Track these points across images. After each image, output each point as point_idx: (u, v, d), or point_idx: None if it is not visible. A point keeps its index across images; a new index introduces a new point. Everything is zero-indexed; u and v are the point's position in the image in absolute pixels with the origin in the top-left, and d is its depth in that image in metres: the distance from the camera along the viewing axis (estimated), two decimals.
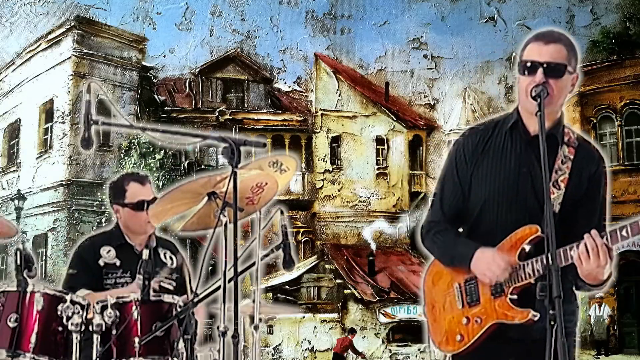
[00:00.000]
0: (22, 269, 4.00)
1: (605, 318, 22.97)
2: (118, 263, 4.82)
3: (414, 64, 25.36)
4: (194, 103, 26.32)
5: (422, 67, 25.33)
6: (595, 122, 23.65)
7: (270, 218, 4.20)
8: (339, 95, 26.29)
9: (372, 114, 26.21)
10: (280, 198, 4.30)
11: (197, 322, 4.09)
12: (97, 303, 4.08)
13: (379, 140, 26.22)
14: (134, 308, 4.04)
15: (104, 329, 4.04)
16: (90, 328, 4.02)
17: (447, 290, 3.90)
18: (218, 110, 26.01)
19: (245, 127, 25.74)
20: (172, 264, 4.94)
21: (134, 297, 4.07)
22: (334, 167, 26.14)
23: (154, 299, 4.11)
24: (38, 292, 4.05)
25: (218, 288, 3.82)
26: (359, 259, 25.22)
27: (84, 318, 4.04)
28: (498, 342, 3.76)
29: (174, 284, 4.80)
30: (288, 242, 4.16)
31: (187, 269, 5.04)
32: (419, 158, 26.32)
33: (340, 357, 22.30)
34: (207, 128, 25.21)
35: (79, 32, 24.65)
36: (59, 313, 4.06)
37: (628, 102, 23.38)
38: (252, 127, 25.86)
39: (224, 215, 3.80)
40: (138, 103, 25.17)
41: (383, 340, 23.97)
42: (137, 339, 4.04)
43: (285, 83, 26.60)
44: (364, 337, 23.65)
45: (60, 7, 24.45)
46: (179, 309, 4.09)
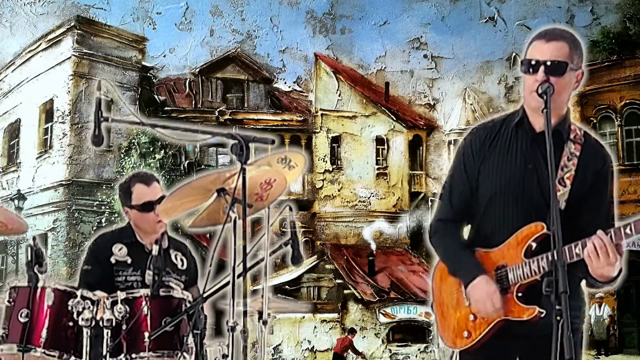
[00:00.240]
0: (33, 265, 4.03)
1: (605, 318, 23.00)
2: (129, 261, 4.84)
3: (414, 64, 25.39)
4: (194, 103, 26.33)
5: (422, 67, 25.35)
6: (595, 122, 23.67)
7: (279, 214, 4.23)
8: (339, 95, 26.30)
9: (372, 114, 26.22)
10: (280, 198, 4.32)
11: (206, 317, 4.13)
12: (107, 298, 4.11)
13: (379, 140, 26.23)
14: (144, 303, 4.08)
15: (114, 324, 4.07)
16: (101, 323, 4.05)
17: (454, 287, 3.93)
18: (218, 110, 26.02)
19: (245, 127, 25.72)
20: (181, 266, 4.96)
21: (144, 292, 4.11)
22: (334, 167, 26.16)
23: (164, 295, 4.15)
24: (49, 287, 4.09)
25: (227, 284, 3.84)
26: (359, 259, 25.23)
27: (94, 313, 4.07)
28: (505, 338, 3.78)
29: (182, 285, 4.81)
30: (297, 237, 4.19)
31: (198, 272, 5.07)
32: (419, 158, 26.33)
33: (340, 357, 22.31)
34: (207, 127, 25.21)
35: (79, 32, 24.64)
36: (70, 308, 4.10)
37: (628, 102, 23.40)
38: (252, 127, 25.86)
39: (233, 212, 3.82)
40: (138, 103, 25.16)
41: (383, 340, 23.98)
42: (147, 334, 4.08)
43: (285, 83, 26.61)
44: (364, 337, 23.66)
45: (60, 7, 24.46)
46: (189, 305, 4.12)
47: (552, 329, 3.22)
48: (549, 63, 3.66)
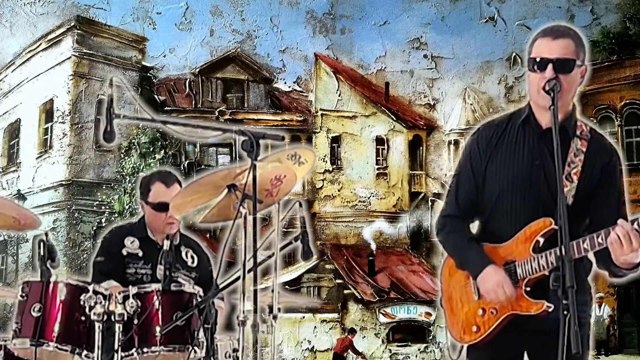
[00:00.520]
0: (45, 260, 4.06)
1: (605, 318, 22.99)
2: (140, 254, 4.89)
3: (414, 64, 25.37)
4: (194, 103, 26.31)
5: (422, 67, 25.33)
6: (595, 122, 23.65)
7: (289, 210, 4.26)
8: (339, 95, 26.30)
9: (372, 114, 26.22)
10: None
11: (217, 311, 4.15)
12: (119, 293, 4.14)
13: (379, 140, 26.22)
14: (155, 298, 4.11)
15: (126, 319, 4.10)
16: (113, 318, 4.08)
17: (463, 282, 3.97)
18: (218, 110, 26.01)
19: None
20: (192, 263, 5.00)
21: (155, 287, 4.14)
22: (334, 167, 26.15)
23: (175, 289, 4.18)
24: (61, 282, 4.12)
25: (237, 279, 3.88)
26: (359, 259, 25.22)
27: (106, 308, 4.10)
28: (513, 333, 3.82)
29: (192, 282, 4.84)
30: (307, 233, 4.22)
31: (211, 269, 5.10)
32: (419, 158, 26.32)
33: (340, 357, 22.34)
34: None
35: (79, 32, 24.63)
36: (82, 303, 4.13)
37: (628, 102, 23.40)
38: (252, 127, 25.81)
39: (244, 207, 3.85)
40: (139, 103, 25.15)
41: (383, 340, 23.98)
42: (158, 329, 4.11)
43: (285, 83, 26.59)
44: (364, 337, 23.66)
45: (60, 7, 24.44)
46: (199, 299, 4.15)
47: (559, 325, 3.25)
48: (557, 61, 3.70)
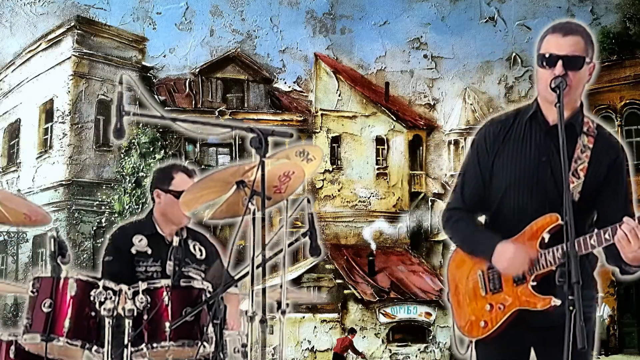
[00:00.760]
0: (56, 256, 4.09)
1: (605, 318, 23.00)
2: (149, 252, 4.90)
3: (414, 64, 25.38)
4: (194, 103, 26.30)
5: (422, 67, 25.34)
6: None
7: (297, 206, 4.29)
8: (339, 95, 26.31)
9: (372, 114, 26.23)
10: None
11: (226, 307, 4.18)
12: (129, 289, 4.17)
13: (379, 140, 26.23)
14: (165, 294, 4.14)
15: (136, 314, 4.13)
16: (122, 313, 4.11)
17: (470, 277, 3.98)
18: (218, 110, 26.02)
19: None
20: (200, 255, 5.02)
21: (165, 283, 4.17)
22: (334, 167, 26.15)
23: (184, 285, 4.21)
24: (71, 278, 4.15)
25: (246, 274, 3.90)
26: (359, 259, 25.22)
27: (116, 303, 4.13)
28: (520, 328, 3.84)
29: (202, 275, 4.87)
30: (315, 229, 4.25)
31: (220, 261, 5.11)
32: (419, 158, 26.33)
33: (340, 357, 22.35)
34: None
35: (79, 32, 24.63)
36: (92, 298, 4.15)
37: (628, 102, 23.42)
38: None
39: (252, 204, 3.88)
40: (138, 103, 25.13)
41: (383, 340, 23.99)
42: (167, 324, 4.14)
43: (285, 83, 26.59)
44: (364, 337, 23.67)
45: (60, 7, 24.44)
46: (209, 295, 4.18)
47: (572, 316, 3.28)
48: (567, 57, 3.72)
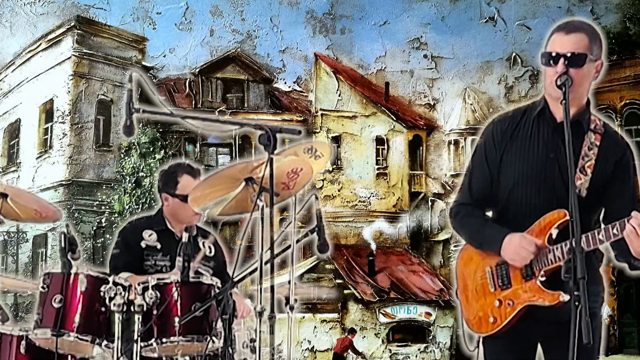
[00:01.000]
0: (66, 252, 4.11)
1: (605, 318, 23.03)
2: (159, 246, 4.94)
3: (414, 64, 25.40)
4: (194, 103, 26.31)
5: (422, 67, 25.36)
6: None
7: (305, 202, 4.31)
8: (339, 95, 26.33)
9: (372, 114, 26.25)
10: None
11: (234, 302, 4.20)
12: (138, 284, 4.19)
13: (379, 140, 26.25)
14: (174, 289, 4.16)
15: (145, 310, 4.16)
16: (132, 308, 4.13)
17: (479, 274, 4.01)
18: (218, 110, 26.03)
19: None
20: (209, 252, 5.05)
21: (174, 278, 4.19)
22: (334, 167, 26.15)
23: (193, 281, 4.23)
24: (82, 273, 4.18)
25: (254, 270, 3.93)
26: (359, 259, 25.24)
27: (126, 299, 4.15)
28: (528, 323, 3.87)
29: (211, 272, 4.90)
30: (322, 226, 4.27)
31: (225, 261, 5.15)
32: (419, 158, 26.34)
33: (340, 357, 22.37)
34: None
35: (79, 32, 24.64)
36: (102, 294, 4.18)
37: (628, 102, 23.45)
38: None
39: (261, 200, 3.91)
40: (138, 103, 25.11)
41: (383, 340, 24.00)
42: (177, 319, 4.16)
43: (285, 83, 26.60)
44: (364, 337, 23.68)
45: (60, 7, 24.45)
46: (218, 290, 4.20)
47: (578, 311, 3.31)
48: (569, 55, 3.75)
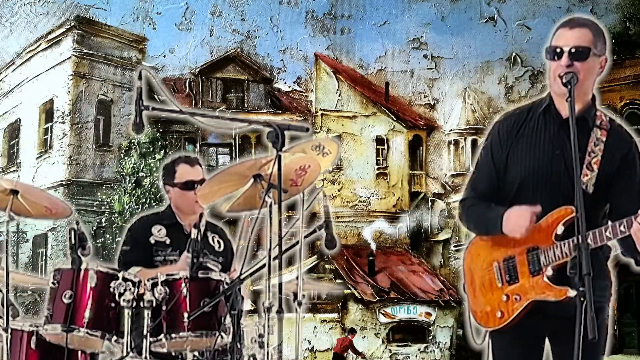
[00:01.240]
0: (76, 248, 4.14)
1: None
2: (168, 241, 4.98)
3: (414, 64, 25.40)
4: (194, 103, 26.31)
5: (422, 67, 25.36)
6: None
7: (313, 199, 4.34)
8: (339, 95, 26.34)
9: (372, 114, 26.25)
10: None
11: (243, 298, 4.23)
12: (147, 280, 4.23)
13: (379, 140, 26.24)
14: (183, 285, 4.20)
15: (155, 305, 4.19)
16: (142, 304, 4.16)
17: (486, 268, 4.04)
18: (218, 110, 26.05)
19: None
20: (218, 248, 5.09)
21: (183, 274, 4.22)
22: (334, 167, 26.16)
23: (202, 276, 4.26)
24: (91, 269, 4.21)
25: (263, 266, 3.96)
26: (359, 259, 25.24)
27: (135, 294, 4.18)
28: (535, 318, 3.89)
29: (220, 267, 4.94)
30: (330, 222, 4.30)
31: (234, 255, 5.19)
32: (419, 158, 26.35)
33: (340, 357, 22.38)
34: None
35: (79, 32, 24.64)
36: (112, 290, 4.22)
37: (628, 102, 23.45)
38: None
39: (269, 197, 3.94)
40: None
41: (383, 340, 24.01)
42: (186, 315, 4.19)
43: (285, 83, 26.59)
44: (364, 337, 23.69)
45: (60, 7, 24.45)
46: (226, 286, 4.23)
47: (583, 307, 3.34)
48: (573, 49, 3.80)
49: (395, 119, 25.97)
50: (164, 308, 4.18)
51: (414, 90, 25.56)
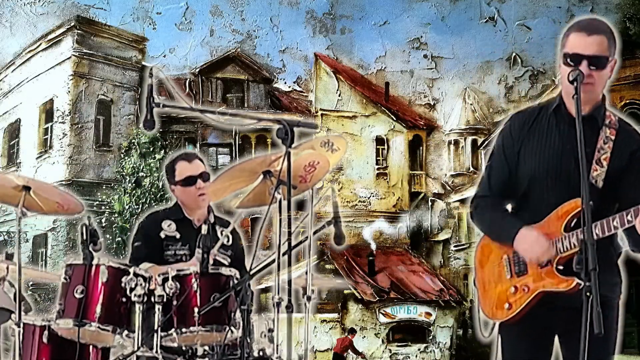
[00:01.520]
0: (88, 243, 4.18)
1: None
2: (178, 236, 5.04)
3: (414, 64, 25.42)
4: (194, 103, 26.34)
5: (422, 67, 25.39)
6: None
7: (321, 196, 4.38)
8: (339, 95, 26.36)
9: (372, 114, 26.27)
10: None
11: (253, 293, 4.27)
12: (158, 275, 4.26)
13: (379, 140, 26.27)
14: (194, 280, 4.23)
15: (165, 300, 4.22)
16: (152, 299, 4.20)
17: (496, 262, 4.10)
18: (218, 111, 26.00)
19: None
20: (227, 241, 5.13)
21: (194, 269, 4.26)
22: (334, 167, 26.15)
23: (213, 272, 4.30)
24: (103, 264, 4.24)
25: (272, 262, 4.00)
26: (359, 259, 25.25)
27: (146, 290, 4.22)
28: (544, 309, 3.95)
29: (229, 260, 4.98)
30: (339, 218, 4.34)
31: (243, 249, 5.24)
32: (419, 158, 26.37)
33: (340, 357, 22.40)
34: (207, 128, 25.32)
35: (79, 32, 24.65)
36: (123, 285, 4.25)
37: (628, 102, 23.47)
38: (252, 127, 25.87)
39: (279, 193, 3.97)
40: (138, 103, 25.22)
41: (383, 340, 24.03)
42: (196, 310, 4.23)
43: (285, 83, 26.61)
44: (364, 337, 23.71)
45: (60, 7, 24.46)
46: (236, 281, 4.27)
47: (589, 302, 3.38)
48: (592, 57, 3.83)
49: (395, 119, 25.99)
50: (175, 303, 4.22)
51: (414, 90, 25.59)
